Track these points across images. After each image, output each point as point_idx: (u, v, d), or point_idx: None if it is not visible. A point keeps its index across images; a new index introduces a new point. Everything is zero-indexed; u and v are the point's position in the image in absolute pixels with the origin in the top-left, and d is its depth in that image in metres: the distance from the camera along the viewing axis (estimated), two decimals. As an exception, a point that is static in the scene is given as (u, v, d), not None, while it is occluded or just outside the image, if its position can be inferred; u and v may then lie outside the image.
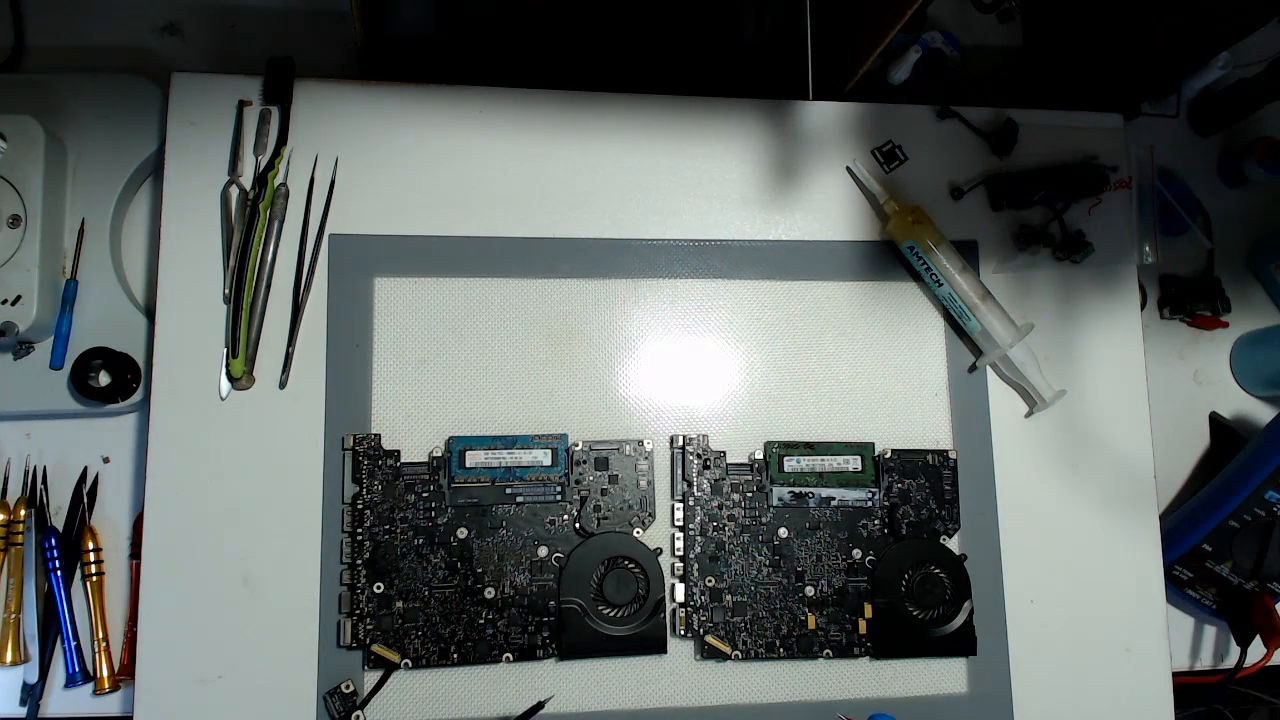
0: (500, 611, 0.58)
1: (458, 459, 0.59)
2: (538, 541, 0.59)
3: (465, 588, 0.58)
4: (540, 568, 0.59)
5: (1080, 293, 0.69)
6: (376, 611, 0.57)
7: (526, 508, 0.59)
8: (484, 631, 0.57)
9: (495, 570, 0.58)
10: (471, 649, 0.57)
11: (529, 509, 0.59)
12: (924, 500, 0.63)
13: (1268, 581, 0.68)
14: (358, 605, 0.57)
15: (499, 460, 0.59)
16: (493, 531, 0.58)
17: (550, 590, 0.58)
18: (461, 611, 0.57)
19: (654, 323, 0.64)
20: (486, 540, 0.58)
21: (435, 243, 0.62)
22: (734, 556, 0.60)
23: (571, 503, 0.60)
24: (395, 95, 0.64)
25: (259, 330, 0.60)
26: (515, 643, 0.58)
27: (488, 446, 0.59)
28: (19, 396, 0.62)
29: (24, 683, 0.60)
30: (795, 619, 0.60)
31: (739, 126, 0.67)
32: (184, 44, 0.71)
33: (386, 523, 0.58)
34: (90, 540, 0.62)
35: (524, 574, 0.58)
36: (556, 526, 0.59)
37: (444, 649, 0.57)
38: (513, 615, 0.58)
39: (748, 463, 0.62)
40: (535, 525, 0.59)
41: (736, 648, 0.60)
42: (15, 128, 0.60)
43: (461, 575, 0.58)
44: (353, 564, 0.57)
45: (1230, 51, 0.74)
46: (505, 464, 0.59)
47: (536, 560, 0.59)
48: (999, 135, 0.69)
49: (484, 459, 0.59)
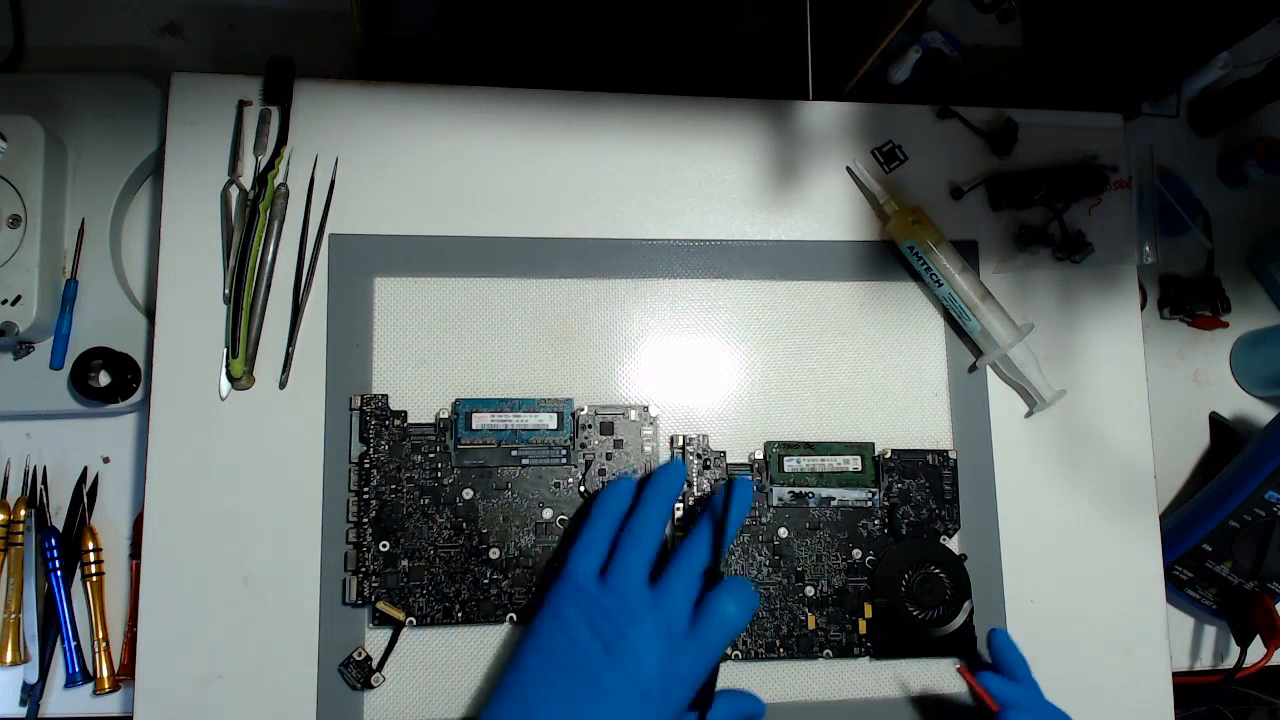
0: (505, 572, 0.58)
1: (464, 421, 0.59)
2: (542, 504, 0.59)
3: (470, 548, 0.58)
4: (545, 530, 0.59)
5: (1080, 293, 0.69)
6: (382, 570, 0.57)
7: (531, 470, 0.59)
8: (488, 591, 0.58)
9: (500, 531, 0.58)
10: (476, 608, 0.58)
11: (534, 472, 0.59)
12: (924, 500, 0.63)
13: (1268, 581, 0.68)
14: (363, 563, 0.57)
15: (505, 423, 0.60)
16: (498, 493, 0.59)
17: (554, 552, 0.59)
18: (466, 571, 0.58)
19: (654, 323, 0.64)
20: (492, 501, 0.59)
21: (435, 243, 0.62)
22: (734, 557, 0.60)
23: (577, 466, 0.60)
24: (395, 95, 0.64)
25: (259, 330, 0.60)
26: (519, 603, 0.58)
27: (494, 409, 0.60)
28: (19, 396, 0.62)
29: (24, 683, 0.60)
30: (795, 619, 0.60)
31: (739, 126, 0.67)
32: (184, 44, 0.71)
33: (393, 482, 0.58)
34: (90, 540, 0.62)
35: (529, 535, 0.59)
36: (561, 490, 0.59)
37: (448, 608, 0.57)
38: (517, 576, 0.58)
39: (748, 463, 0.62)
40: (540, 488, 0.59)
41: (736, 648, 0.60)
42: (15, 128, 0.60)
43: (466, 535, 0.58)
44: (358, 522, 0.58)
45: (1230, 51, 0.74)
46: (511, 427, 0.60)
47: (541, 522, 0.59)
48: (999, 135, 0.69)
49: (490, 421, 0.59)
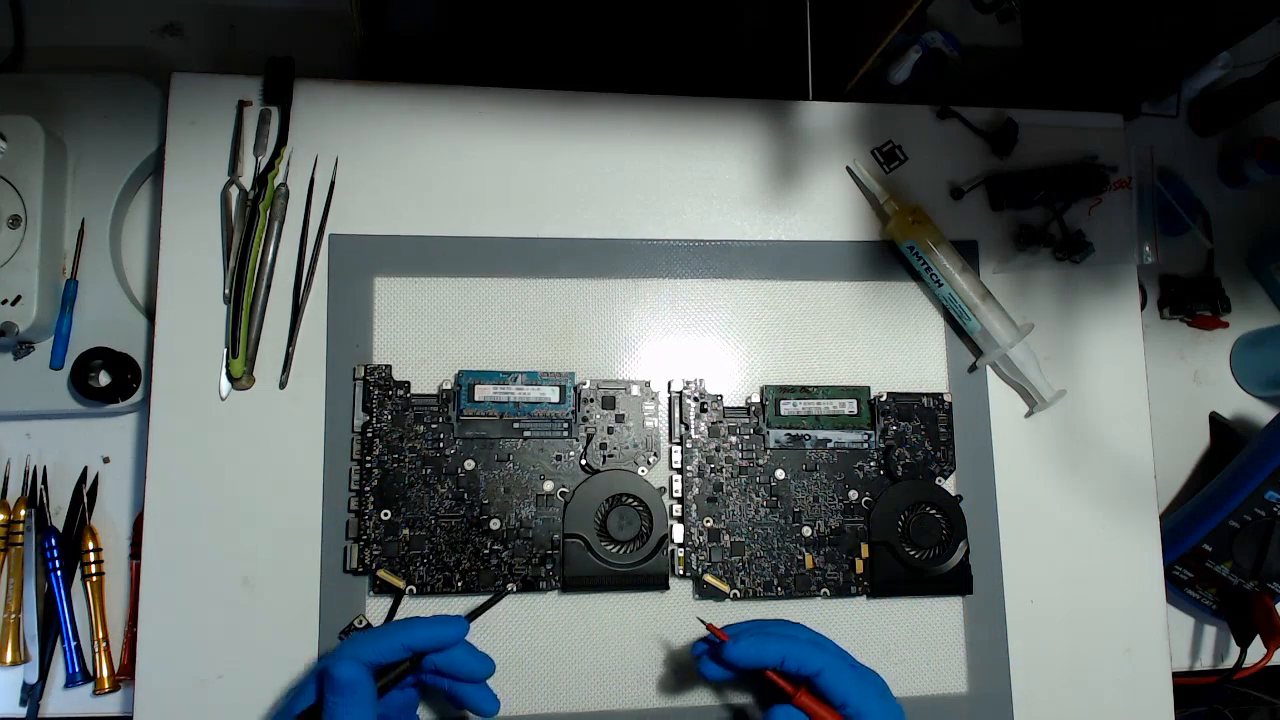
0: (505, 543, 0.58)
1: (467, 392, 0.59)
2: (543, 476, 0.59)
3: (471, 518, 0.58)
4: (545, 502, 0.59)
5: (1080, 293, 0.69)
6: (383, 538, 0.57)
7: (533, 443, 0.60)
8: (489, 562, 0.58)
9: (501, 502, 0.59)
10: (476, 578, 0.58)
11: (536, 444, 0.60)
12: (919, 442, 0.63)
13: (1268, 581, 0.68)
14: (364, 531, 0.57)
15: (508, 395, 0.60)
16: (500, 465, 0.59)
17: (555, 524, 0.59)
18: (467, 541, 0.58)
19: (654, 323, 0.64)
20: (493, 473, 0.59)
21: (435, 243, 0.62)
22: (731, 498, 0.61)
23: (578, 439, 0.60)
24: (395, 95, 0.64)
25: (259, 330, 0.60)
26: (519, 574, 0.58)
27: (497, 382, 0.60)
28: (19, 396, 0.62)
29: (24, 683, 0.60)
30: (793, 559, 0.61)
31: (739, 126, 0.67)
32: (184, 44, 0.71)
33: (395, 452, 0.58)
34: (90, 540, 0.62)
35: (530, 507, 0.59)
36: (563, 462, 0.60)
37: (449, 577, 0.58)
38: (517, 547, 0.59)
39: (744, 406, 0.62)
40: (542, 460, 0.60)
41: (735, 587, 0.60)
42: (15, 128, 0.60)
43: (468, 506, 0.58)
44: (360, 491, 0.58)
45: (1230, 51, 0.74)
46: (514, 399, 0.60)
47: (542, 494, 0.59)
48: (999, 135, 0.69)
49: (493, 393, 0.60)
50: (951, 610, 0.63)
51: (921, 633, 0.62)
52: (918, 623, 0.62)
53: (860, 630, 0.62)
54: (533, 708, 0.58)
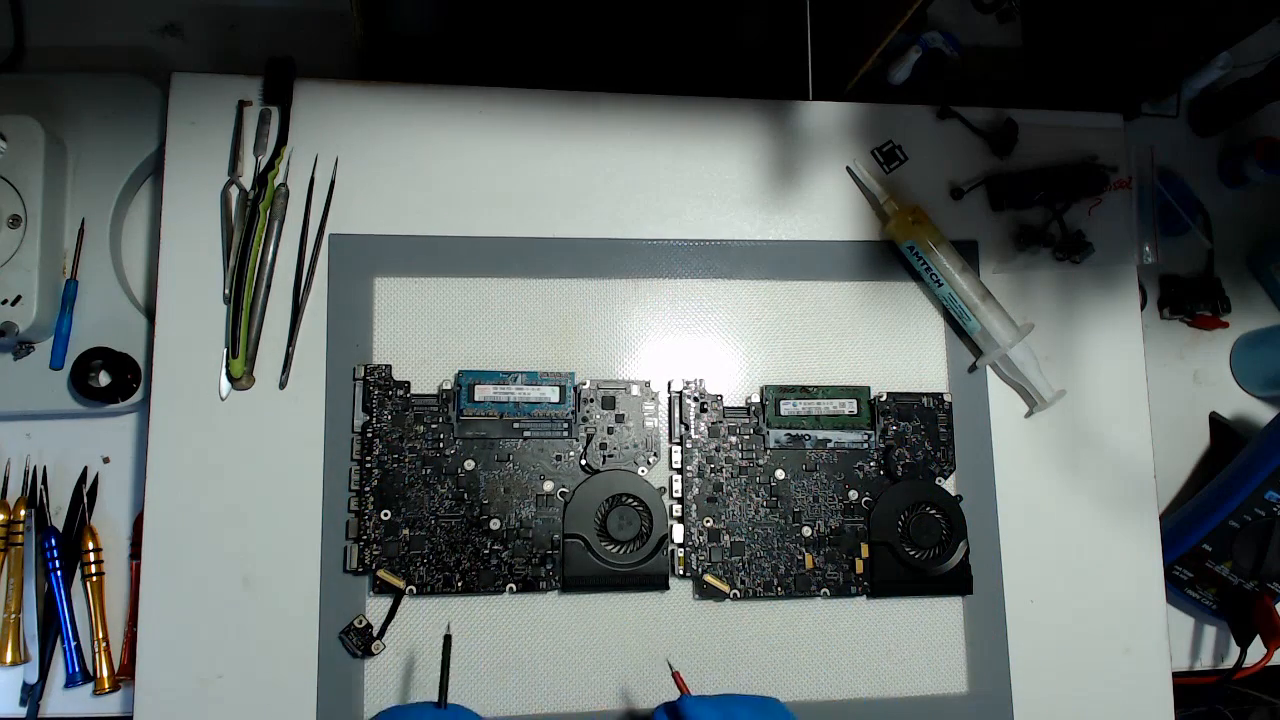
0: (505, 543, 0.58)
1: (466, 393, 0.59)
2: (543, 476, 0.59)
3: (471, 518, 0.58)
4: (545, 502, 0.59)
5: (1080, 293, 0.69)
6: (383, 538, 0.57)
7: (533, 443, 0.60)
8: (488, 562, 0.58)
9: (501, 502, 0.59)
10: (476, 578, 0.58)
11: (536, 444, 0.60)
12: (919, 442, 0.63)
13: (1268, 581, 0.68)
14: (364, 531, 0.57)
15: (507, 395, 0.60)
16: (499, 465, 0.59)
17: (555, 524, 0.59)
18: (467, 541, 0.58)
19: (654, 323, 0.64)
20: (493, 473, 0.59)
21: (435, 243, 0.62)
22: (731, 498, 0.61)
23: (578, 440, 0.60)
24: (395, 95, 0.64)
25: (259, 330, 0.60)
26: (519, 574, 0.58)
27: (497, 381, 0.60)
28: (19, 396, 0.62)
29: (24, 683, 0.60)
30: (793, 559, 0.61)
31: (739, 126, 0.67)
32: (184, 44, 0.71)
33: (395, 452, 0.58)
34: (90, 540, 0.62)
35: (529, 507, 0.59)
36: (563, 462, 0.60)
37: (448, 577, 0.58)
38: (517, 547, 0.59)
39: (744, 406, 0.62)
40: (541, 460, 0.60)
41: (735, 587, 0.60)
42: (15, 128, 0.60)
43: (468, 506, 0.59)
44: (360, 491, 0.58)
45: (1230, 51, 0.74)
46: (513, 399, 0.60)
47: (542, 494, 0.59)
48: (999, 135, 0.69)
49: (493, 394, 0.60)
50: (951, 610, 0.63)
51: (921, 633, 0.62)
52: (918, 623, 0.62)
53: (860, 630, 0.62)
54: (533, 708, 0.58)
